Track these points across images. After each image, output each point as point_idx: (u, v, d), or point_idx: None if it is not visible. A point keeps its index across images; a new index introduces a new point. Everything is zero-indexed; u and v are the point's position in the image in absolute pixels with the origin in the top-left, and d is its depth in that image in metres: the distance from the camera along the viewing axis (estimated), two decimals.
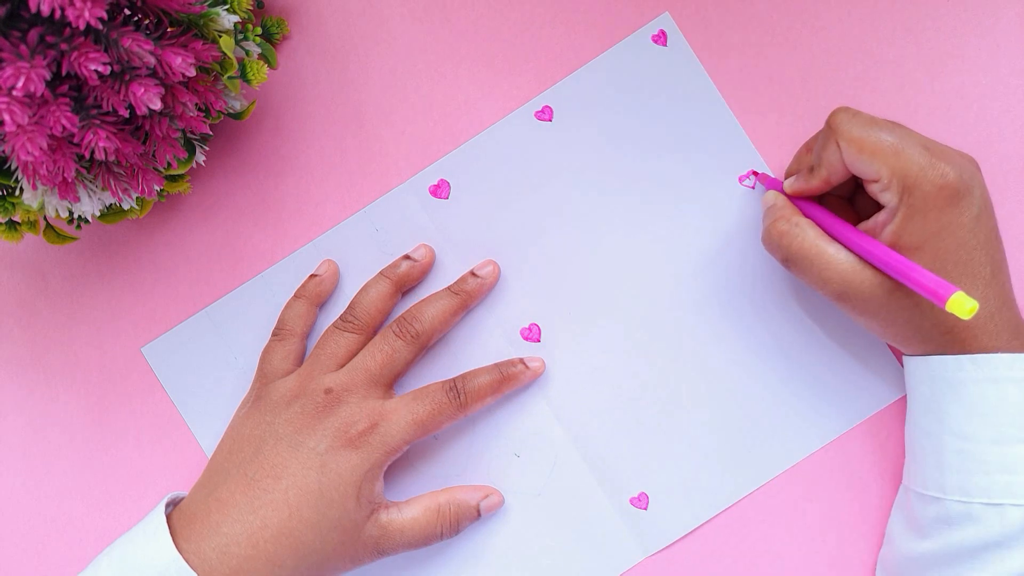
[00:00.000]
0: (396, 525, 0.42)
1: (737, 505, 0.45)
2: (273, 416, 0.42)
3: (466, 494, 0.44)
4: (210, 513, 0.39)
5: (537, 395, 0.46)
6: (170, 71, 0.34)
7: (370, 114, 0.46)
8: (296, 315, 0.45)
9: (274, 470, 0.40)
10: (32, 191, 0.38)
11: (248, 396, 0.45)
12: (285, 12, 0.46)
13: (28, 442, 0.47)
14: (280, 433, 0.41)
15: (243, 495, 0.40)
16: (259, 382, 0.44)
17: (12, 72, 0.30)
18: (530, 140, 0.46)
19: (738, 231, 0.45)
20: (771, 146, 0.45)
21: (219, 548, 0.38)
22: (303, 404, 0.42)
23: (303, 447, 0.40)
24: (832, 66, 0.45)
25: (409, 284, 0.45)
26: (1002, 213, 0.44)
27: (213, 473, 0.42)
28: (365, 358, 0.43)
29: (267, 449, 0.41)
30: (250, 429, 0.42)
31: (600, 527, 0.45)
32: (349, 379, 0.42)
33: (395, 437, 0.41)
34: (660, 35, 0.45)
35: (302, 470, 0.40)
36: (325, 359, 0.43)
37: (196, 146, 0.42)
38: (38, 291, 0.48)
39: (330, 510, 0.40)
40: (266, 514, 0.39)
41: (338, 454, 0.40)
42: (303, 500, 0.39)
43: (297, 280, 0.46)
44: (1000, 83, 0.44)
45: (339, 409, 0.41)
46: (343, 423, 0.41)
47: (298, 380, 0.43)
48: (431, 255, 0.45)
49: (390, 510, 0.42)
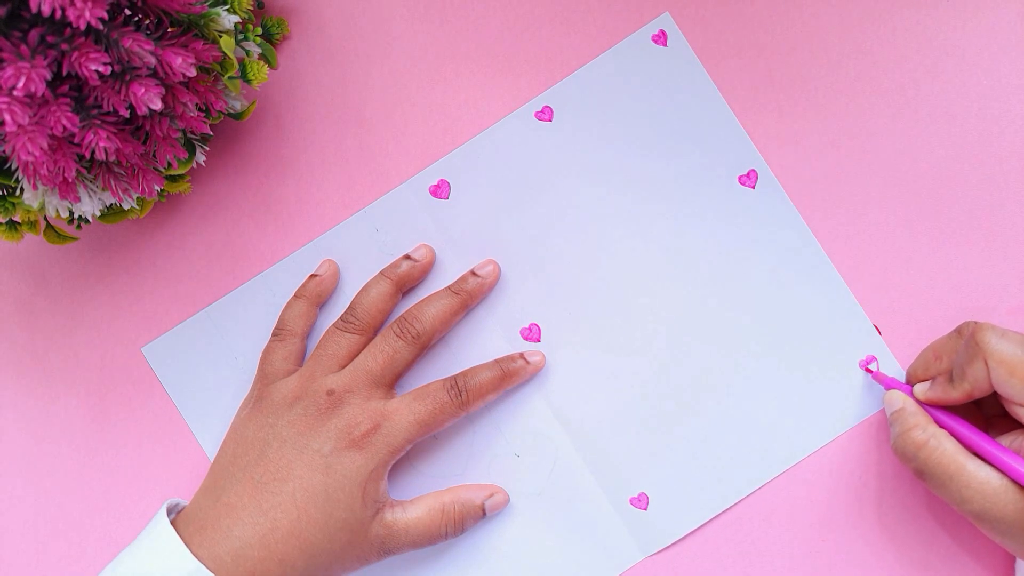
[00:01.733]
0: (401, 524, 0.42)
1: (737, 505, 0.45)
2: (276, 418, 0.42)
3: (471, 493, 0.44)
4: (220, 518, 0.39)
5: (537, 395, 0.46)
6: (170, 71, 0.34)
7: (370, 114, 0.46)
8: (296, 315, 0.45)
9: (280, 472, 0.40)
10: (32, 191, 0.38)
11: (249, 397, 0.45)
12: (285, 12, 0.46)
13: (28, 442, 0.47)
14: (284, 435, 0.41)
15: (251, 498, 0.40)
16: (260, 383, 0.44)
17: (13, 72, 0.30)
18: (530, 140, 0.46)
19: (738, 231, 0.45)
20: (771, 146, 0.45)
21: (233, 552, 0.38)
22: (305, 406, 0.42)
23: (307, 449, 0.41)
24: (832, 66, 0.45)
25: (410, 284, 0.45)
26: (1002, 213, 0.44)
27: (218, 477, 0.42)
28: (366, 359, 0.43)
29: (271, 452, 0.41)
30: (253, 432, 0.42)
31: (600, 527, 0.45)
32: (351, 380, 0.42)
33: (398, 437, 0.41)
34: (660, 35, 0.45)
35: (308, 472, 0.40)
36: (326, 360, 0.43)
37: (196, 146, 0.42)
38: (38, 291, 0.48)
39: (336, 510, 0.40)
40: (276, 516, 0.39)
41: (342, 455, 0.40)
42: (310, 501, 0.40)
43: (297, 280, 0.46)
44: (1000, 83, 0.44)
45: (342, 410, 0.41)
46: (346, 424, 0.41)
47: (300, 381, 0.43)
48: (431, 255, 0.45)
49: (395, 509, 0.42)
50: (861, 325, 0.45)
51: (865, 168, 0.45)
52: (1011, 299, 0.44)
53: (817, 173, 0.45)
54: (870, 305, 0.45)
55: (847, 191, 0.45)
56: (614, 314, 0.45)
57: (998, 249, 0.44)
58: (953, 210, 0.44)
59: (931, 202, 0.45)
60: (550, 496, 0.45)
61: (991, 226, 0.44)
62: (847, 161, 0.45)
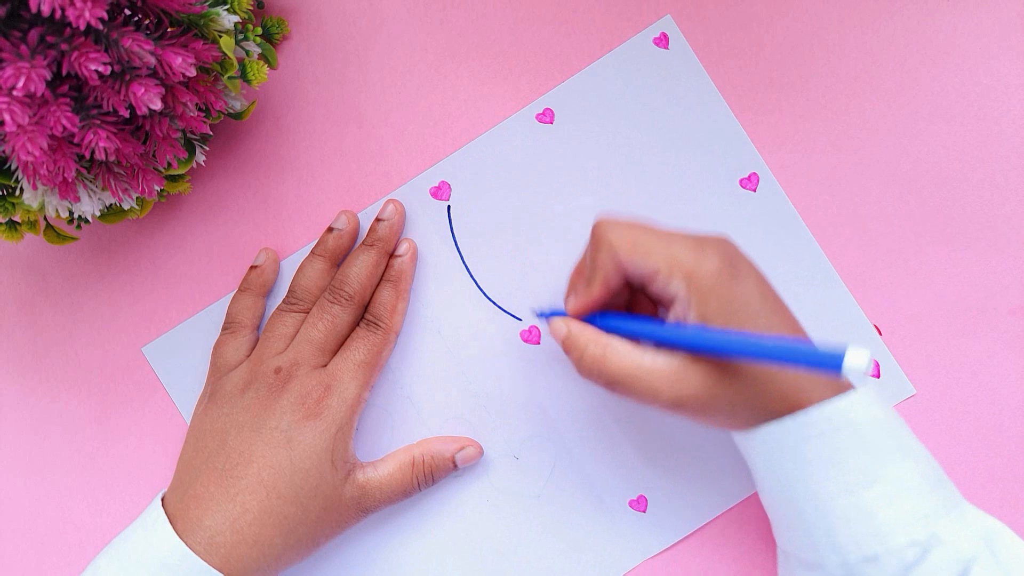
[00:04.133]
0: (374, 483, 0.43)
1: (735, 508, 0.45)
2: (231, 407, 0.42)
3: (441, 445, 0.45)
4: (188, 511, 0.40)
5: (536, 397, 0.46)
6: (170, 71, 0.34)
7: (370, 115, 0.46)
8: (243, 307, 0.46)
9: (242, 457, 0.41)
10: (32, 191, 0.38)
11: (203, 393, 0.45)
12: (285, 12, 0.47)
13: (29, 442, 0.47)
14: (240, 421, 0.42)
15: (217, 486, 0.40)
16: (212, 376, 0.45)
17: (12, 72, 0.30)
18: (531, 142, 0.46)
19: (738, 232, 0.45)
20: (772, 147, 0.45)
21: (205, 542, 0.39)
22: (257, 388, 0.42)
23: (265, 428, 0.41)
24: (832, 66, 0.45)
25: (341, 254, 0.46)
26: (1002, 213, 0.44)
27: (183, 473, 0.42)
28: (308, 330, 0.43)
29: (231, 439, 0.41)
30: (210, 423, 0.43)
31: (599, 530, 0.45)
32: (296, 354, 0.43)
33: (350, 390, 0.42)
34: (662, 38, 0.45)
35: (270, 450, 0.41)
36: (273, 341, 0.44)
37: (196, 146, 0.42)
38: (38, 291, 0.48)
39: (306, 480, 0.40)
40: (244, 499, 0.40)
41: (302, 426, 0.41)
42: (278, 478, 0.40)
43: None
44: (1000, 83, 0.44)
45: (291, 385, 0.42)
46: (298, 396, 0.42)
47: (250, 366, 0.43)
48: (354, 220, 0.46)
49: (366, 469, 0.43)
50: (861, 325, 0.45)
51: (865, 168, 0.45)
52: (1011, 299, 0.44)
53: (817, 174, 0.45)
54: (870, 305, 0.45)
55: (847, 192, 0.45)
56: None
57: (998, 249, 0.44)
58: (953, 210, 0.44)
59: (931, 202, 0.45)
60: (549, 499, 0.45)
61: (991, 226, 0.44)
62: (847, 162, 0.45)
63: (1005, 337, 0.44)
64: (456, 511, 0.46)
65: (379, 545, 0.45)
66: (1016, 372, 0.44)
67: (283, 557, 0.40)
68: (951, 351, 0.44)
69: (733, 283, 0.36)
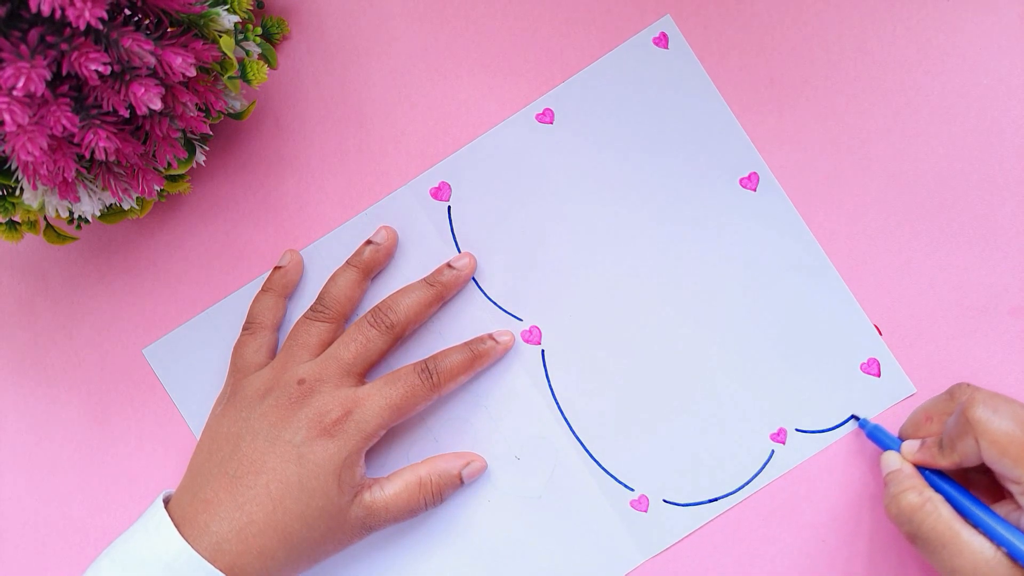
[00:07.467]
0: (380, 503, 0.42)
1: (737, 507, 0.45)
2: (248, 411, 0.42)
3: (447, 463, 0.44)
4: (197, 515, 0.39)
5: (537, 397, 0.46)
6: (170, 71, 0.34)
7: (371, 115, 0.46)
8: (265, 308, 0.45)
9: (253, 465, 0.40)
10: (32, 191, 0.38)
11: (223, 393, 0.45)
12: (285, 12, 0.47)
13: (29, 443, 0.47)
14: (256, 428, 0.41)
15: (227, 493, 0.40)
16: (233, 377, 0.44)
17: (12, 72, 0.30)
18: (531, 143, 0.46)
19: (738, 232, 0.45)
20: (772, 147, 0.45)
21: (211, 547, 0.39)
22: (277, 396, 0.42)
23: (279, 440, 0.41)
24: (832, 66, 0.45)
25: (376, 269, 0.45)
26: (1002, 213, 0.44)
27: (195, 475, 0.42)
28: (339, 348, 0.43)
29: (245, 445, 0.41)
30: (227, 427, 0.42)
31: (600, 530, 0.45)
32: (322, 369, 0.42)
33: (370, 423, 0.41)
34: (662, 38, 0.45)
35: (281, 463, 0.40)
36: (298, 350, 0.43)
37: (196, 146, 0.42)
38: (38, 291, 0.48)
39: (313, 499, 0.40)
40: (251, 510, 0.39)
41: (314, 444, 0.40)
42: (285, 492, 0.40)
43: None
44: (1000, 83, 0.44)
45: (312, 399, 0.41)
46: (317, 413, 0.41)
47: (272, 372, 0.43)
48: (394, 236, 0.45)
49: (373, 489, 0.42)
50: (861, 325, 0.45)
51: (865, 168, 0.45)
52: (1011, 299, 0.44)
53: (817, 174, 0.45)
54: (870, 305, 0.45)
55: (847, 192, 0.45)
56: (614, 316, 0.45)
57: (998, 249, 0.44)
58: (953, 210, 0.44)
59: (931, 202, 0.45)
60: (550, 499, 0.45)
61: (991, 226, 0.44)
62: (847, 161, 0.45)
63: (1005, 337, 0.44)
64: (457, 512, 0.45)
65: (379, 545, 0.45)
66: (1016, 372, 0.44)
67: (286, 569, 0.40)
68: (951, 351, 0.44)
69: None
